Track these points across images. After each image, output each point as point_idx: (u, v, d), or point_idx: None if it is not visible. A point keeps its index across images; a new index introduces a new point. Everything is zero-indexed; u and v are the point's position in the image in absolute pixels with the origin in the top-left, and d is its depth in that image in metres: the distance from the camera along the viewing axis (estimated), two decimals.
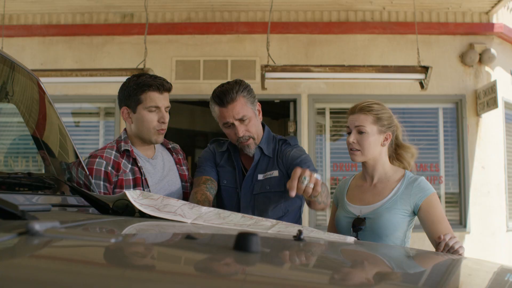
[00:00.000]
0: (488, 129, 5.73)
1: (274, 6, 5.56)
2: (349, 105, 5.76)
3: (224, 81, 2.29)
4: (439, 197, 5.66)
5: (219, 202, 2.29)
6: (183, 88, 5.87)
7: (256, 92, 5.20)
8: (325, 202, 1.95)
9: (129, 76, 2.18)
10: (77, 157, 1.51)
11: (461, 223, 5.63)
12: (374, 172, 2.07)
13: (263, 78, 4.06)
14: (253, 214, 2.18)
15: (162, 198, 1.38)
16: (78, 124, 6.28)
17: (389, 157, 2.13)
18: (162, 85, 2.12)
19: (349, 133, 2.05)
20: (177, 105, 8.51)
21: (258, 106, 2.31)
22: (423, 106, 5.85)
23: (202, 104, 6.75)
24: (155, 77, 2.15)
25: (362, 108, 2.02)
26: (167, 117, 2.16)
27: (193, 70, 5.89)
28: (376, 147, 2.03)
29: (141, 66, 4.30)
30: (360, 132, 2.01)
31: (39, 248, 0.68)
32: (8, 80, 1.35)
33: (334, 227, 2.14)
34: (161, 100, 2.14)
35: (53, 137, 1.46)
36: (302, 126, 5.75)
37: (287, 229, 1.24)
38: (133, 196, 1.30)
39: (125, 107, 2.16)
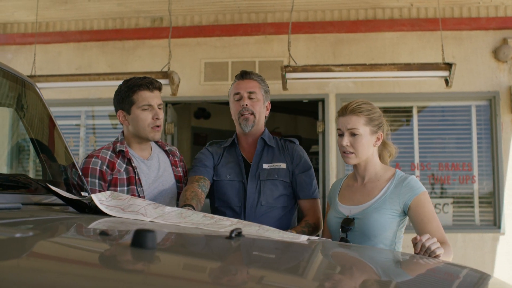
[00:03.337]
0: None
1: (300, 6, 5.56)
2: (378, 104, 5.68)
3: None
4: (472, 197, 5.51)
5: (223, 198, 2.34)
6: (212, 90, 5.95)
7: (279, 93, 5.20)
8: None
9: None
10: (71, 158, 1.58)
11: (495, 224, 5.45)
12: (365, 173, 2.06)
13: (283, 78, 4.07)
14: (259, 200, 2.26)
15: (130, 198, 1.43)
16: (115, 126, 6.47)
17: None
18: (151, 83, 2.23)
19: (341, 135, 2.03)
20: (218, 106, 8.67)
21: (268, 105, 2.48)
22: (455, 103, 5.70)
23: None
24: (145, 77, 2.26)
25: (353, 110, 2.00)
26: (161, 114, 2.25)
27: (221, 72, 5.96)
28: (369, 148, 2.01)
29: (165, 69, 4.40)
30: (353, 134, 1.99)
31: None
32: (5, 87, 1.44)
33: (326, 227, 2.14)
34: (153, 98, 2.23)
35: (48, 140, 1.54)
36: (330, 126, 5.72)
37: (244, 228, 1.27)
38: (101, 198, 1.35)
39: (121, 110, 2.27)
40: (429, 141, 5.71)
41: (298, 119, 10.13)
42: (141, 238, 0.76)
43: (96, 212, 1.33)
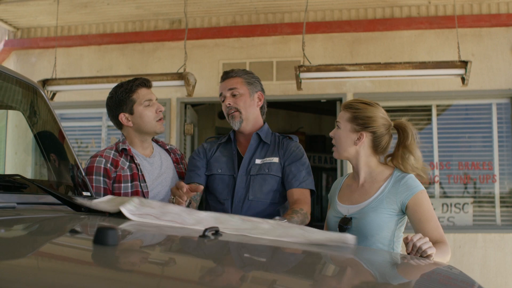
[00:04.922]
0: None
1: (317, 6, 5.57)
2: (395, 103, 5.71)
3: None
4: (493, 197, 5.42)
5: (212, 192, 2.35)
6: None
7: (296, 93, 5.19)
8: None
9: (111, 90, 2.37)
10: (75, 159, 1.64)
11: None
12: (360, 172, 2.06)
13: (297, 78, 4.09)
14: (247, 194, 2.26)
15: (161, 205, 1.40)
16: None
17: (391, 156, 2.08)
18: (147, 81, 2.35)
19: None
20: None
21: (259, 95, 2.43)
22: (475, 102, 5.62)
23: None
24: (136, 78, 2.36)
25: (345, 105, 2.08)
26: (161, 107, 2.35)
27: None
28: (348, 145, 2.03)
29: (181, 71, 4.46)
30: (337, 128, 2.08)
31: None
32: (11, 91, 1.50)
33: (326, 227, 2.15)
34: (150, 93, 2.35)
35: (53, 140, 1.60)
36: None
37: (284, 230, 1.25)
38: (131, 209, 1.30)
39: (122, 113, 2.32)
40: (449, 139, 5.64)
41: (323, 119, 10.10)
42: (102, 235, 0.80)
43: (91, 211, 1.38)
